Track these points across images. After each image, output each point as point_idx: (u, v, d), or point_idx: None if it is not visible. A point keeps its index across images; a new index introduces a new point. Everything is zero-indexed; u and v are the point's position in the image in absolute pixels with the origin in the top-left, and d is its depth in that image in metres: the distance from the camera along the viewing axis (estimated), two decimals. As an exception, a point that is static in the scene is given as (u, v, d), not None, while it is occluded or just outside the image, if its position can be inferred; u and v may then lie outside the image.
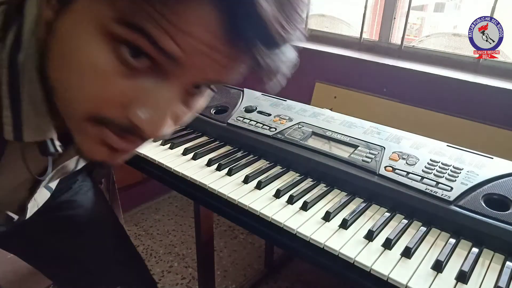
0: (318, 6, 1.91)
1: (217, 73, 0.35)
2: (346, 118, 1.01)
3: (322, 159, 0.85)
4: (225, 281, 1.57)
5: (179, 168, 0.88)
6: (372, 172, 0.79)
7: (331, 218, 0.71)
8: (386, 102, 1.41)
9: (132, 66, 0.33)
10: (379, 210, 0.75)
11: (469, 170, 0.77)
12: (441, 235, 0.68)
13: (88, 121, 0.36)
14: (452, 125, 1.27)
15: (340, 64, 1.58)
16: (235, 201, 0.77)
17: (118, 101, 0.34)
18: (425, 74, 1.36)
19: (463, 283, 0.58)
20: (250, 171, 0.86)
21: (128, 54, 0.32)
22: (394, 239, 0.65)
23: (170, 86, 0.34)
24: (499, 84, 1.24)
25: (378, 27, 1.61)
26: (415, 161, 0.81)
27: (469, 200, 0.70)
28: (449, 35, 1.57)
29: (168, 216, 1.97)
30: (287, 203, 0.76)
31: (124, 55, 0.32)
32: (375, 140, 0.90)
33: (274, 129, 0.96)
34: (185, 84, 0.35)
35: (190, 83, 0.36)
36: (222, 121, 1.02)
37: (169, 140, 0.99)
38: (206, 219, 1.19)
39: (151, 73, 0.34)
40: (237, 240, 1.82)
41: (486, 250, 0.65)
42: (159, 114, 0.35)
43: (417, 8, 4.01)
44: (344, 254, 0.63)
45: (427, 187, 0.73)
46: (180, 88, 0.35)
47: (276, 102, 1.11)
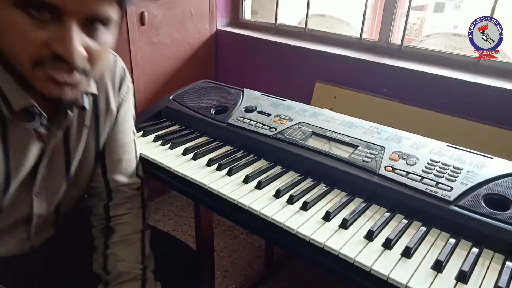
0: (318, 6, 1.91)
1: (90, 5, 0.52)
2: (346, 118, 1.01)
3: (322, 159, 0.85)
4: (225, 281, 1.57)
5: (179, 168, 0.88)
6: (372, 172, 0.79)
7: (331, 218, 0.71)
8: (386, 102, 1.41)
9: (39, 18, 0.51)
10: (379, 210, 0.75)
11: (469, 170, 0.77)
12: (441, 235, 0.68)
13: (33, 66, 0.53)
14: (452, 125, 1.27)
15: (340, 64, 1.58)
16: (235, 201, 0.77)
17: (41, 43, 0.52)
18: (425, 74, 1.36)
19: (463, 283, 0.58)
20: (250, 171, 0.86)
21: (33, 11, 0.50)
22: (394, 239, 0.65)
23: (66, 22, 0.52)
24: (499, 84, 1.24)
25: (378, 27, 1.61)
26: (415, 161, 0.81)
27: (469, 200, 0.70)
28: (449, 35, 1.57)
29: (168, 216, 1.97)
30: (287, 203, 0.76)
31: (32, 13, 0.50)
32: (375, 140, 0.90)
33: (274, 129, 0.96)
34: (75, 19, 0.52)
35: (78, 17, 0.52)
36: (222, 121, 1.02)
37: (169, 140, 0.99)
38: (206, 219, 1.19)
39: (52, 19, 0.51)
40: (237, 240, 1.82)
41: (486, 250, 0.65)
42: (66, 40, 0.52)
43: (417, 8, 4.02)
44: (344, 254, 0.63)
45: (427, 187, 0.73)
46: (73, 23, 0.52)
47: (276, 102, 1.11)
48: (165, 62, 1.82)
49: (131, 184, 0.83)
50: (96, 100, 0.73)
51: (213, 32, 1.98)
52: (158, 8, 1.69)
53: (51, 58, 0.53)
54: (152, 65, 1.77)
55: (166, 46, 1.79)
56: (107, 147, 0.80)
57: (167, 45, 1.80)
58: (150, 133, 1.04)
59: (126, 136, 0.82)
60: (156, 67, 1.79)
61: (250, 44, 1.89)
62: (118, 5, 0.57)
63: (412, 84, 1.39)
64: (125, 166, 0.82)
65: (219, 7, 1.97)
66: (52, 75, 0.54)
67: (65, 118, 0.67)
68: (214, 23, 1.97)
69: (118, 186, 0.82)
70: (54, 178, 0.72)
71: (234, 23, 2.07)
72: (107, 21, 0.57)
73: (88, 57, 0.56)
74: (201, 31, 1.92)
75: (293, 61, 1.73)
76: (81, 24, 0.53)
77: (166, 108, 1.13)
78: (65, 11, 0.51)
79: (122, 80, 0.78)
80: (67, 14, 0.51)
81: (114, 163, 0.81)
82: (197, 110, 1.08)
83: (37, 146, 0.66)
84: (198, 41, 1.93)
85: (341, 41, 1.68)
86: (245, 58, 1.94)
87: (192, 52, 1.92)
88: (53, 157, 0.70)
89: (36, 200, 0.71)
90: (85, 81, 0.59)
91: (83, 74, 0.57)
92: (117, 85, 0.77)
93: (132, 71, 1.69)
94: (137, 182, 0.85)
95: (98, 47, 0.57)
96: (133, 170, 0.84)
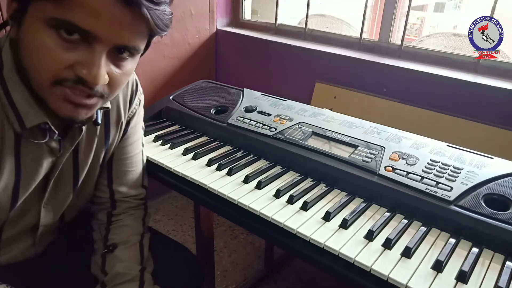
0: (318, 6, 1.91)
1: (123, 36, 0.53)
2: (346, 118, 1.01)
3: (322, 159, 0.85)
4: (225, 281, 1.57)
5: (179, 168, 0.88)
6: (372, 172, 0.79)
7: (331, 218, 0.71)
8: (386, 102, 1.41)
9: (69, 41, 0.51)
10: (379, 210, 0.75)
11: (469, 170, 0.77)
12: (441, 235, 0.68)
13: (52, 85, 0.54)
14: (452, 125, 1.27)
15: (340, 64, 1.58)
16: (235, 201, 0.77)
17: (66, 64, 0.52)
18: (425, 74, 1.36)
19: (463, 283, 0.58)
20: (250, 171, 0.86)
21: (64, 34, 0.51)
22: (394, 239, 0.65)
23: (96, 48, 0.52)
24: (499, 84, 1.24)
25: (378, 27, 1.61)
26: (415, 161, 0.81)
27: (469, 200, 0.70)
28: (449, 35, 1.57)
29: (168, 216, 1.97)
30: (287, 203, 0.76)
31: (62, 35, 0.51)
32: (375, 140, 0.90)
33: (274, 129, 0.96)
34: (106, 46, 0.53)
35: (108, 46, 0.53)
36: (222, 121, 1.02)
37: (169, 140, 0.99)
38: (206, 219, 1.19)
39: (82, 43, 0.52)
40: (237, 240, 1.82)
41: (486, 250, 0.65)
42: (94, 66, 0.53)
43: (417, 8, 4.02)
44: (344, 254, 0.63)
45: (427, 187, 0.73)
46: (103, 50, 0.53)
47: (276, 102, 1.11)
48: (165, 62, 1.82)
49: (136, 195, 0.84)
50: (108, 113, 0.73)
51: (213, 32, 1.98)
52: (158, 8, 1.69)
53: (73, 80, 0.53)
54: (152, 65, 1.77)
55: (166, 46, 1.79)
56: (115, 159, 0.80)
57: (167, 45, 1.80)
58: (150, 133, 1.04)
59: (135, 148, 0.82)
60: (156, 67, 1.79)
61: (250, 44, 1.89)
62: (149, 37, 0.59)
63: (412, 84, 1.39)
64: (131, 177, 0.82)
65: (219, 7, 1.97)
66: (70, 96, 0.55)
67: (78, 133, 0.68)
68: (214, 23, 1.97)
69: (123, 197, 0.82)
70: (62, 190, 0.73)
71: (234, 23, 2.07)
72: (135, 52, 0.58)
73: (109, 83, 0.57)
74: (201, 31, 1.92)
75: (293, 61, 1.73)
76: (109, 51, 0.54)
77: (166, 108, 1.13)
78: (98, 37, 0.52)
79: (134, 93, 0.78)
80: (98, 40, 0.52)
81: (121, 174, 0.81)
82: (197, 110, 1.08)
83: (48, 160, 0.66)
84: (198, 41, 1.93)
85: (341, 41, 1.68)
86: (245, 58, 1.94)
87: (192, 52, 1.92)
88: (62, 170, 0.70)
89: (44, 210, 0.71)
90: (100, 103, 0.60)
91: (100, 98, 0.58)
92: (129, 98, 0.77)
93: (132, 71, 1.69)
94: (142, 193, 0.85)
95: (120, 74, 0.58)
96: (139, 181, 0.85)
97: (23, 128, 0.59)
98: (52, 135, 0.63)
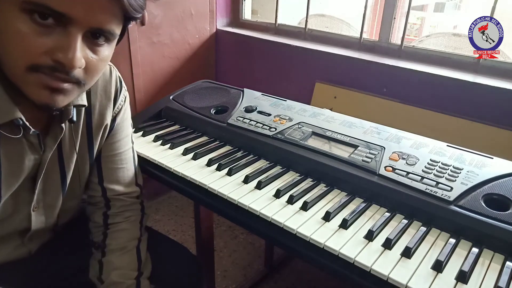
0: (318, 6, 1.91)
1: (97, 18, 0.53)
2: (346, 118, 1.01)
3: (322, 159, 0.85)
4: (225, 281, 1.57)
5: (179, 168, 0.88)
6: (372, 172, 0.79)
7: (331, 218, 0.71)
8: (386, 102, 1.41)
9: (43, 25, 0.51)
10: (379, 210, 0.75)
11: (469, 170, 0.77)
12: (441, 235, 0.68)
13: (27, 71, 0.53)
14: (452, 125, 1.27)
15: (340, 64, 1.58)
16: (235, 201, 0.77)
17: (42, 50, 0.52)
18: (425, 74, 1.36)
19: (463, 283, 0.58)
20: (250, 171, 0.86)
21: (38, 18, 0.50)
22: (394, 239, 0.65)
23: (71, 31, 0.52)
24: (499, 84, 1.24)
25: (378, 27, 1.61)
26: (415, 161, 0.81)
27: (469, 200, 0.70)
28: (449, 35, 1.57)
29: (168, 216, 1.97)
30: (287, 203, 0.76)
31: (37, 19, 0.50)
32: (375, 140, 0.90)
33: (274, 129, 0.96)
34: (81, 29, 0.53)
35: (84, 28, 0.53)
36: (222, 121, 1.02)
37: (169, 140, 0.99)
38: (206, 219, 1.19)
39: (57, 27, 0.52)
40: (237, 240, 1.82)
41: (486, 250, 0.65)
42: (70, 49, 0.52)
43: (417, 8, 4.02)
44: (344, 254, 0.63)
45: (427, 187, 0.73)
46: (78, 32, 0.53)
47: (276, 102, 1.11)
48: (165, 62, 1.82)
49: (129, 193, 0.83)
50: (90, 112, 0.73)
51: (213, 32, 1.98)
52: (158, 8, 1.69)
53: (49, 66, 0.53)
54: (152, 65, 1.77)
55: (166, 46, 1.79)
56: (103, 156, 0.79)
57: (167, 45, 1.80)
58: (150, 133, 1.04)
59: (123, 145, 0.81)
60: (156, 67, 1.79)
61: (250, 44, 1.89)
62: (123, 22, 0.59)
63: (412, 84, 1.39)
64: (122, 175, 0.81)
65: (219, 7, 1.97)
66: (45, 81, 0.54)
67: (59, 130, 0.67)
68: (214, 23, 1.97)
69: (116, 195, 0.81)
70: (50, 192, 0.72)
71: (234, 23, 2.07)
72: (110, 36, 0.57)
73: (85, 69, 0.56)
74: (201, 31, 1.92)
75: (293, 61, 1.73)
76: (84, 35, 0.54)
77: (166, 108, 1.13)
78: (72, 20, 0.51)
79: (119, 90, 0.77)
80: (73, 23, 0.52)
81: (111, 172, 0.80)
82: (197, 110, 1.08)
83: (31, 157, 0.65)
84: (198, 41, 1.93)
85: (341, 41, 1.68)
86: (245, 58, 1.94)
87: (192, 52, 1.92)
88: (48, 170, 0.69)
89: (34, 214, 0.71)
90: (77, 91, 0.59)
91: (76, 84, 0.57)
92: (113, 97, 0.76)
93: (132, 71, 1.69)
94: (136, 191, 0.84)
95: (97, 59, 0.58)
96: (131, 179, 0.83)
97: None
98: (27, 131, 0.62)
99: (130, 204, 0.83)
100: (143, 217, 0.85)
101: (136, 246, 0.80)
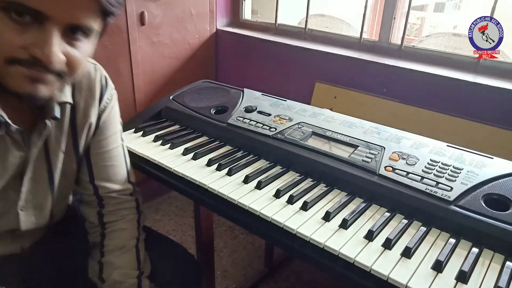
0: (318, 6, 1.91)
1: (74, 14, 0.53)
2: (346, 118, 1.01)
3: (322, 159, 0.85)
4: (225, 281, 1.57)
5: (179, 168, 0.88)
6: (372, 172, 0.79)
7: (331, 218, 0.71)
8: (386, 102, 1.41)
9: (20, 22, 0.51)
10: (379, 210, 0.75)
11: (469, 170, 0.77)
12: (441, 235, 0.68)
13: (5, 63, 0.53)
14: (452, 125, 1.27)
15: (340, 64, 1.58)
16: (235, 201, 0.77)
17: (20, 46, 0.52)
18: (425, 74, 1.36)
19: (463, 283, 0.58)
20: (250, 171, 0.86)
21: (15, 15, 0.51)
22: (394, 239, 0.65)
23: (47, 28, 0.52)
24: (499, 84, 1.24)
25: (378, 27, 1.61)
26: (415, 161, 0.81)
27: (469, 200, 0.70)
28: (449, 35, 1.57)
29: (168, 216, 1.97)
30: (287, 203, 0.76)
31: (13, 17, 0.51)
32: (375, 140, 0.90)
33: (274, 129, 0.96)
34: (57, 26, 0.53)
35: (61, 25, 0.53)
36: (222, 121, 1.02)
37: (169, 140, 0.99)
38: (206, 219, 1.19)
39: (34, 24, 0.52)
40: (237, 240, 1.82)
41: (486, 250, 0.65)
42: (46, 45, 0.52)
43: (417, 8, 4.02)
44: (344, 254, 0.63)
45: (427, 187, 0.73)
46: (55, 29, 0.53)
47: (276, 102, 1.11)
48: (165, 62, 1.82)
49: (122, 190, 0.82)
50: (74, 111, 0.72)
51: (213, 32, 1.98)
52: (158, 8, 1.69)
53: (28, 61, 0.53)
54: (152, 65, 1.77)
55: (166, 46, 1.79)
56: (93, 154, 0.78)
57: (167, 45, 1.80)
58: (150, 133, 1.04)
59: (112, 142, 0.80)
60: (156, 67, 1.79)
61: (250, 44, 1.89)
62: (102, 17, 0.58)
63: (412, 84, 1.39)
64: (113, 172, 0.81)
65: (219, 7, 1.97)
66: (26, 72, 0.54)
67: (43, 127, 0.66)
68: (214, 23, 1.97)
69: (108, 193, 0.81)
70: (39, 192, 0.72)
71: (234, 23, 2.07)
72: (88, 31, 0.57)
73: (67, 63, 0.56)
74: (201, 31, 1.92)
75: (293, 61, 1.73)
76: (62, 31, 0.54)
77: (166, 108, 1.13)
78: (48, 17, 0.51)
79: (104, 88, 0.77)
80: (49, 20, 0.52)
81: (101, 169, 0.79)
82: (197, 110, 1.08)
83: (16, 155, 0.65)
84: (198, 41, 1.93)
85: (341, 41, 1.68)
86: (245, 58, 1.94)
87: (192, 52, 1.92)
88: (36, 170, 0.69)
89: (23, 214, 0.70)
90: (58, 82, 0.59)
91: (57, 76, 0.57)
92: (98, 95, 0.75)
93: (132, 71, 1.69)
94: (129, 188, 0.83)
95: (77, 54, 0.57)
96: (123, 176, 0.83)
97: None
98: (8, 127, 0.62)
99: (124, 201, 0.83)
100: (140, 216, 0.85)
101: (135, 245, 0.80)
